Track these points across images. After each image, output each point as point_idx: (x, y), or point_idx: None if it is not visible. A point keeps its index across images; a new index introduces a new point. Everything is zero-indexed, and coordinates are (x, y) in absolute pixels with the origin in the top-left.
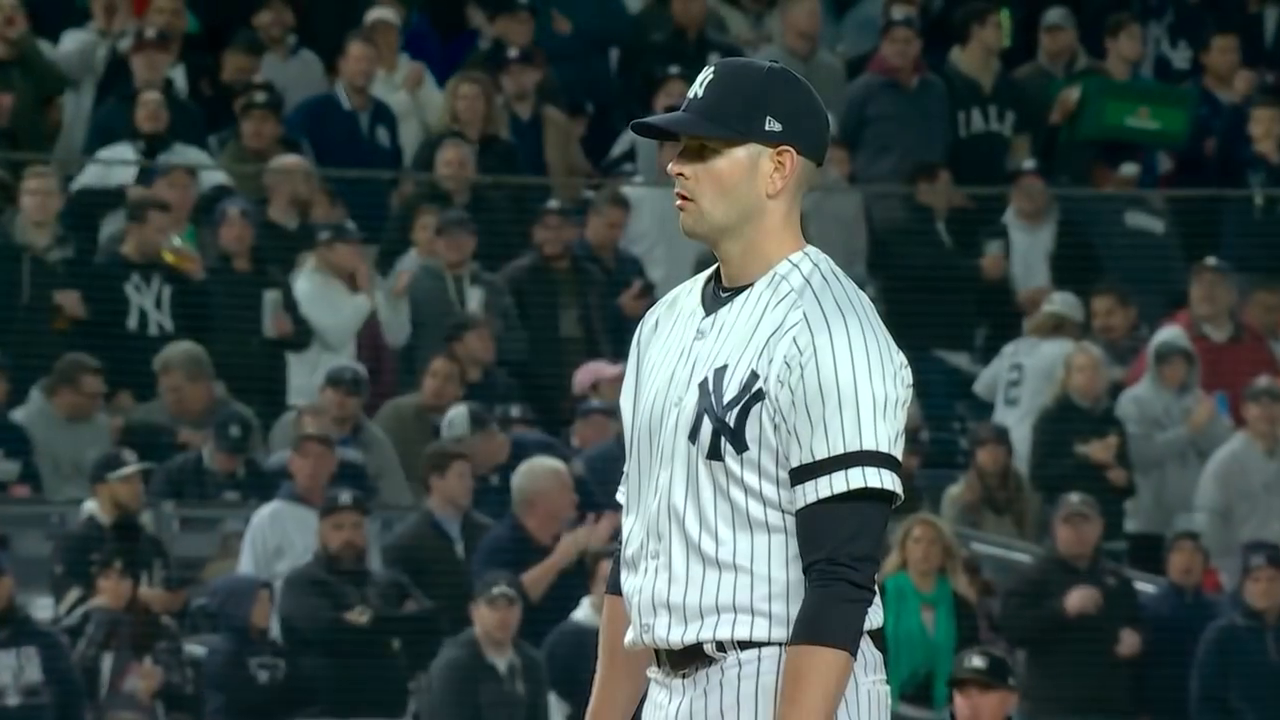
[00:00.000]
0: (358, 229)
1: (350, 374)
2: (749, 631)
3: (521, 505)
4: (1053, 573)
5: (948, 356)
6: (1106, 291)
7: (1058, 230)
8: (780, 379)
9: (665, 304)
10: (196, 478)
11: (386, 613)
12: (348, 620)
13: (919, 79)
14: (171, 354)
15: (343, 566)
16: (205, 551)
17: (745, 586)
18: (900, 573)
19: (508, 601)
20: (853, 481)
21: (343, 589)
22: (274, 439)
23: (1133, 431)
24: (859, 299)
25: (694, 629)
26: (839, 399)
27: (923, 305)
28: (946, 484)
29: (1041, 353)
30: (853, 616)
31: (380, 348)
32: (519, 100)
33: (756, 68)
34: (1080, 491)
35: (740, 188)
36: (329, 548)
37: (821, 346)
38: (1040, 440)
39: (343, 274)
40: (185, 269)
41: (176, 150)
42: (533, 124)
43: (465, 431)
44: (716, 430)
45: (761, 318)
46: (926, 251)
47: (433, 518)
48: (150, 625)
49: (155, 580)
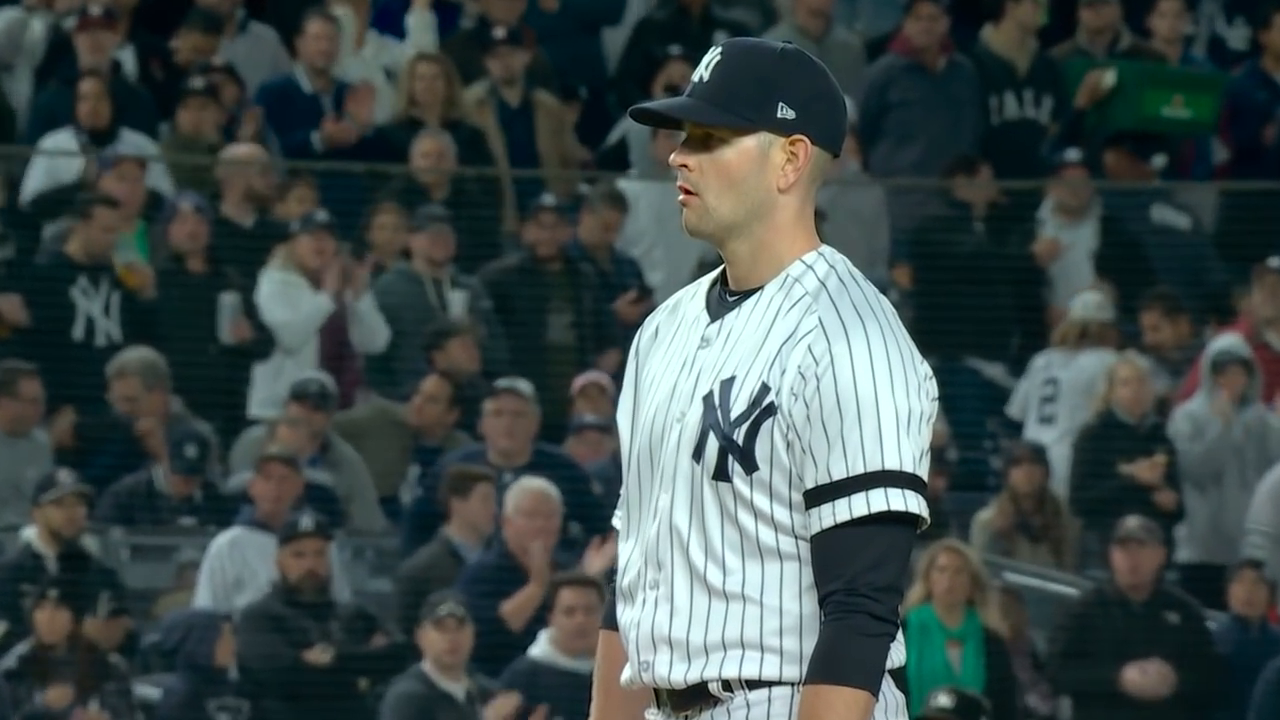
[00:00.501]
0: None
1: (317, 386)
2: (758, 669)
3: (508, 529)
4: (1104, 606)
5: (981, 367)
6: (1154, 303)
7: (1100, 227)
8: (794, 391)
9: (666, 309)
10: (149, 502)
11: (350, 649)
12: (307, 660)
13: (946, 60)
14: (127, 360)
15: (303, 599)
16: (159, 583)
17: (754, 620)
18: (924, 605)
19: (457, 622)
20: (874, 504)
21: (302, 624)
22: (234, 459)
23: (1186, 449)
24: (880, 303)
25: (698, 667)
26: (858, 413)
27: (952, 311)
28: (976, 508)
29: (1079, 365)
30: (873, 653)
31: (344, 356)
32: (507, 85)
33: (768, 49)
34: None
35: (749, 181)
36: (288, 578)
37: (839, 355)
38: (1081, 460)
39: (308, 269)
40: (134, 285)
41: (125, 139)
42: (522, 111)
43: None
44: (723, 448)
45: (773, 324)
46: (956, 251)
47: (451, 544)
48: (98, 664)
49: (103, 615)
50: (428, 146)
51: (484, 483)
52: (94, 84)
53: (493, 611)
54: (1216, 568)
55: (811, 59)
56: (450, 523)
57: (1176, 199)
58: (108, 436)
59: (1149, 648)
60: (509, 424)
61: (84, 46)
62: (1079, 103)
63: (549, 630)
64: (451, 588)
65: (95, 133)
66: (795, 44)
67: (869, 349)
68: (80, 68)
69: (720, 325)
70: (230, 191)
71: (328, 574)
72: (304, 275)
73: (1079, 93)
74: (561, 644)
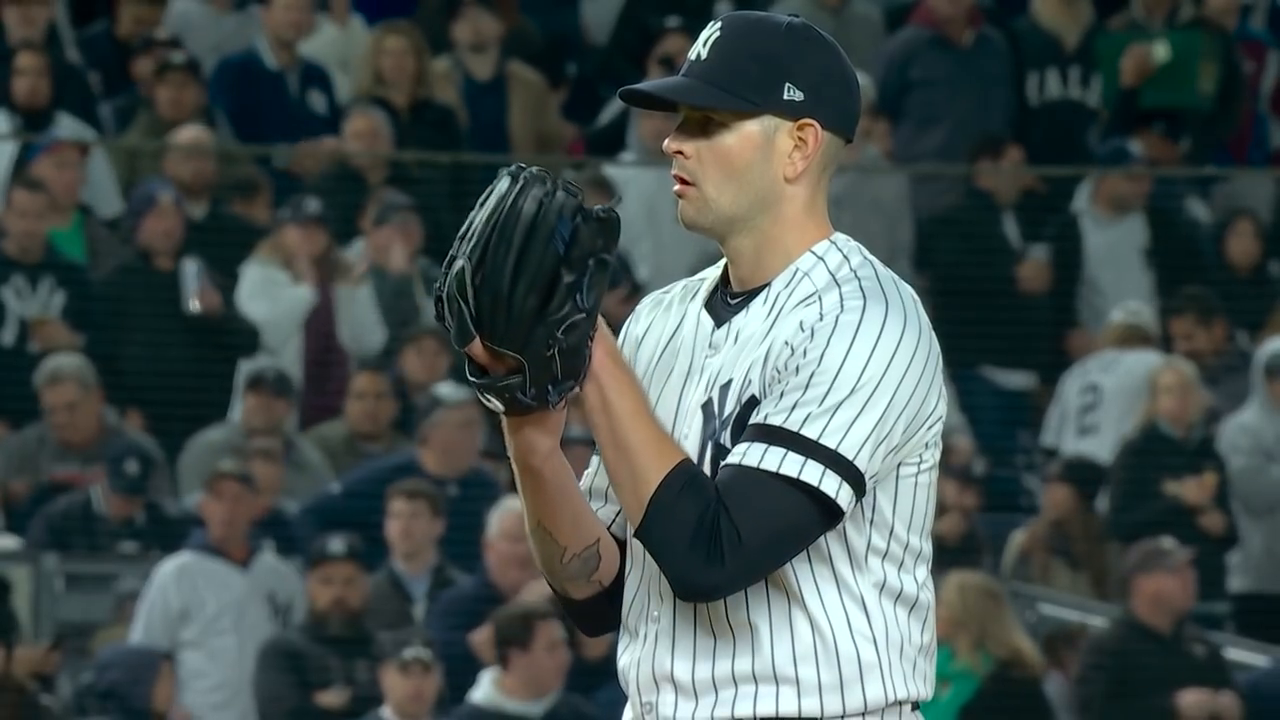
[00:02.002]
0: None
1: (273, 374)
2: (774, 706)
3: (490, 553)
4: (1130, 641)
5: (1007, 376)
6: (1185, 309)
7: (1149, 220)
8: (788, 342)
9: (660, 305)
10: (85, 525)
11: (372, 692)
12: (319, 703)
13: (974, 34)
14: (63, 365)
15: (329, 631)
16: (96, 615)
17: (764, 651)
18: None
19: (423, 668)
20: (807, 475)
21: (324, 661)
22: (181, 476)
23: (1241, 466)
24: (900, 287)
25: (706, 706)
26: (839, 382)
27: (979, 312)
28: (1006, 531)
29: (1125, 368)
30: (689, 514)
31: (332, 349)
32: (475, 53)
33: (773, 23)
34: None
35: (753, 170)
36: (315, 608)
37: (846, 322)
38: (1122, 479)
39: (289, 261)
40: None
41: (63, 123)
42: (494, 86)
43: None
44: (715, 457)
45: (775, 322)
46: (984, 245)
47: (393, 572)
48: (26, 708)
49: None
50: (361, 125)
51: (419, 499)
52: (31, 59)
53: (463, 647)
54: (1273, 598)
55: (821, 34)
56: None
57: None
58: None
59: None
60: (449, 435)
61: (12, 18)
62: (1125, 81)
63: (490, 670)
64: (417, 624)
65: (31, 114)
66: (807, 16)
67: (882, 324)
68: (10, 42)
69: (728, 329)
70: (179, 180)
71: (363, 604)
72: (287, 271)
73: (1124, 69)
74: (508, 686)
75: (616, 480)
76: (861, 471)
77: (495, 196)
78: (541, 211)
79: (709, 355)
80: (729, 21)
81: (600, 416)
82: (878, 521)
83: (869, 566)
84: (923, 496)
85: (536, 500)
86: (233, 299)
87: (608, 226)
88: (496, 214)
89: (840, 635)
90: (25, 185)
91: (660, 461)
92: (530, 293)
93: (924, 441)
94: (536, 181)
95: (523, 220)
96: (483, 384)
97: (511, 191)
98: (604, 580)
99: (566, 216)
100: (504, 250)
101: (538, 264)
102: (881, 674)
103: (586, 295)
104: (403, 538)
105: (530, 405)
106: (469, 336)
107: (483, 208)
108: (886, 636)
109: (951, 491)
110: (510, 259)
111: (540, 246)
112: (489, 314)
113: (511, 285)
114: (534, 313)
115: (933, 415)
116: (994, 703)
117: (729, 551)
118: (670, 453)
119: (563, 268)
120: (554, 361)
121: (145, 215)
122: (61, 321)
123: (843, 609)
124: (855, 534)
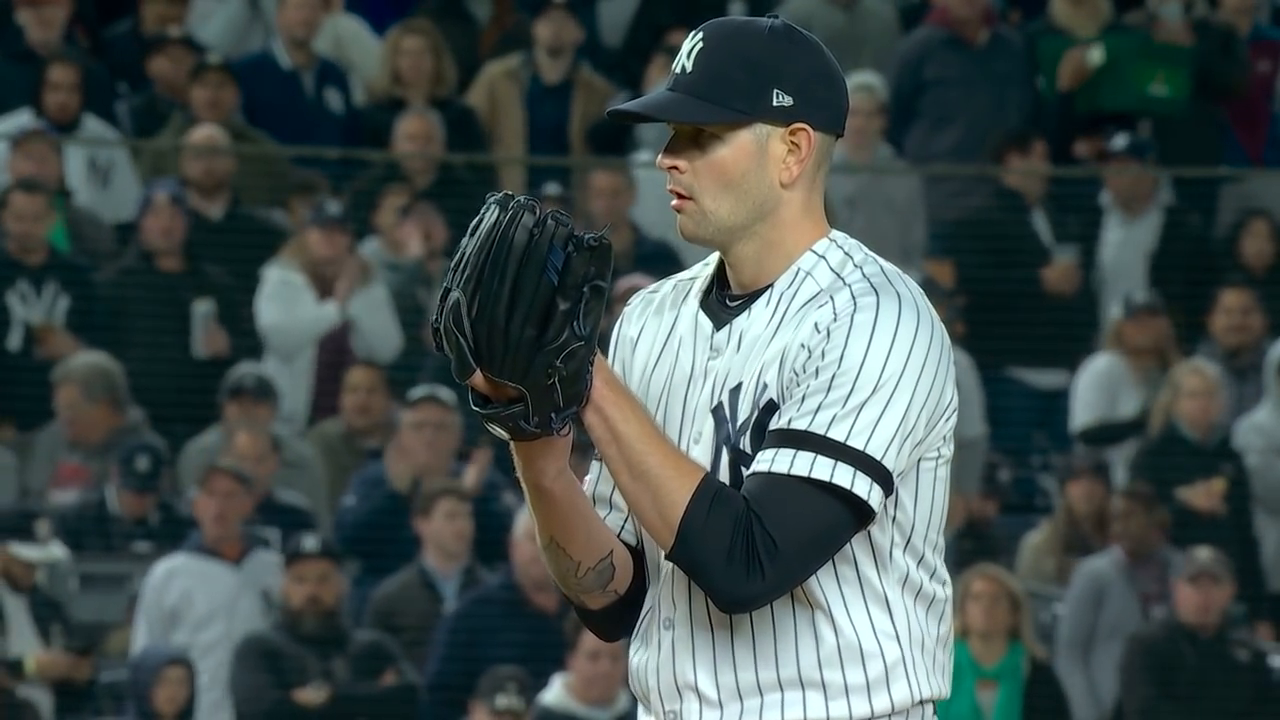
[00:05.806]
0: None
1: (253, 380)
2: (802, 712)
3: (516, 554)
4: (1175, 643)
5: (1030, 376)
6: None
7: (1164, 220)
8: (804, 344)
9: (651, 305)
10: (99, 525)
11: (351, 690)
12: (297, 700)
13: (989, 33)
14: (72, 366)
15: (305, 629)
16: (111, 616)
17: (789, 656)
18: (958, 641)
19: (514, 717)
20: (839, 478)
21: (302, 659)
22: (181, 477)
23: (1254, 466)
24: (905, 281)
25: (733, 715)
26: (860, 382)
27: (998, 315)
28: (1024, 531)
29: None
30: (723, 529)
31: (345, 363)
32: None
33: (755, 29)
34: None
35: (749, 179)
36: (290, 605)
37: (861, 321)
38: (1138, 483)
39: (314, 270)
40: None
41: (88, 125)
42: (561, 89)
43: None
44: (734, 461)
45: (781, 323)
46: (1005, 245)
47: (423, 570)
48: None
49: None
50: (413, 128)
51: (449, 497)
52: (63, 73)
53: (477, 650)
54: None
55: (803, 34)
56: (425, 547)
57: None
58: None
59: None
60: (430, 437)
61: (30, 18)
62: (1061, 85)
63: (563, 674)
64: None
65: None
66: (819, 13)
67: (897, 319)
68: (28, 43)
69: (729, 331)
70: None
71: (336, 602)
72: (309, 276)
73: (1060, 73)
74: (578, 691)
75: (638, 507)
76: (890, 470)
77: (485, 227)
78: (533, 241)
79: (711, 358)
80: (710, 31)
81: (610, 448)
82: (899, 517)
83: (893, 562)
84: (940, 490)
85: (548, 518)
86: (251, 302)
87: (599, 254)
88: (488, 245)
89: (864, 635)
90: (23, 188)
91: (681, 482)
92: (527, 323)
93: (942, 434)
94: (526, 210)
95: (515, 250)
96: (487, 414)
97: (501, 221)
98: (619, 589)
99: (558, 245)
100: (498, 281)
101: (532, 294)
102: (906, 672)
103: (583, 322)
104: (452, 539)
105: (535, 433)
106: (470, 370)
107: (473, 237)
108: (909, 633)
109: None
110: (505, 290)
111: (534, 276)
112: (487, 345)
113: (508, 316)
114: (532, 342)
115: (950, 406)
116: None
117: (767, 561)
118: (689, 470)
119: (557, 296)
120: (555, 390)
121: (143, 216)
122: (65, 330)
123: (865, 608)
124: (879, 532)
